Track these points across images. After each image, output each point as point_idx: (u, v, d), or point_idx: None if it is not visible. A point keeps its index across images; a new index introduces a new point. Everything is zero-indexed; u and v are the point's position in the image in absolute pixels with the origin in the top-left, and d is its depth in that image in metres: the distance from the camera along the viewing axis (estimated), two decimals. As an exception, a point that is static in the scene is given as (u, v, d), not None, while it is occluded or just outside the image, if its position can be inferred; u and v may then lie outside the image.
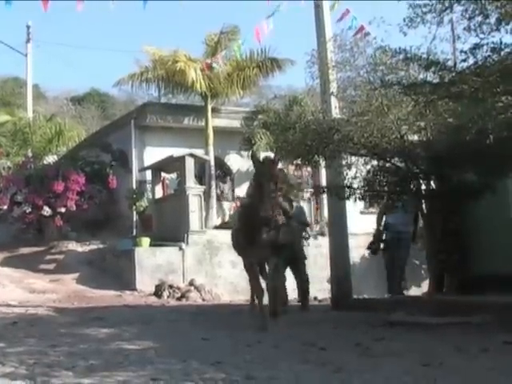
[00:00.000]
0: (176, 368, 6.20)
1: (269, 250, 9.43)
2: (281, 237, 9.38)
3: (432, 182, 11.68)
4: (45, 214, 19.75)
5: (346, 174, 11.72)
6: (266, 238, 9.14)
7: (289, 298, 12.74)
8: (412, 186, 11.66)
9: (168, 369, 6.16)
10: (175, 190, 21.07)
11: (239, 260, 16.25)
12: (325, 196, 13.91)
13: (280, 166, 9.76)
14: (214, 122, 21.30)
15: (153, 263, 17.14)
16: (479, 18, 8.05)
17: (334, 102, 12.40)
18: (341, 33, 12.15)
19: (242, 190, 22.24)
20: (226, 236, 17.98)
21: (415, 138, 11.34)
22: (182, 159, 18.69)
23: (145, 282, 16.68)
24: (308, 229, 14.28)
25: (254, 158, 9.52)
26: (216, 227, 19.56)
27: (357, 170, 11.81)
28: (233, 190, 22.48)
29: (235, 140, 21.59)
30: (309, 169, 19.79)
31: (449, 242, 11.81)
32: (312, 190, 16.72)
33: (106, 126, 26.85)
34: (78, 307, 13.25)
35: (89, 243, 19.87)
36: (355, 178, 11.68)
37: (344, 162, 11.85)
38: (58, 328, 9.58)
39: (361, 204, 12.49)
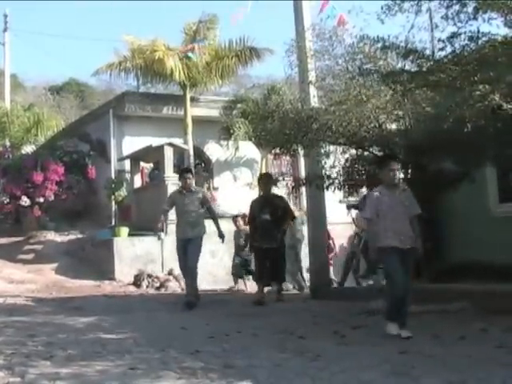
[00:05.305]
0: (154, 357, 6.21)
1: None
2: None
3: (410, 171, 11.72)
4: (23, 204, 19.63)
5: (325, 163, 11.73)
6: None
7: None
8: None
9: (146, 358, 6.17)
10: (150, 179, 21.07)
11: (218, 249, 16.44)
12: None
13: None
14: (193, 111, 21.24)
15: (132, 253, 17.08)
16: (457, 7, 8.08)
17: (312, 90, 12.38)
18: (320, 22, 12.17)
19: (221, 180, 22.29)
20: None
21: (393, 126, 11.36)
22: (160, 148, 18.65)
23: (124, 272, 16.62)
24: None
25: None
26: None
27: (335, 158, 11.84)
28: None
29: (214, 129, 21.54)
30: (288, 157, 19.78)
31: (423, 230, 11.88)
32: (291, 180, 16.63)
33: (84, 115, 26.69)
34: (57, 297, 13.19)
35: (67, 233, 19.75)
36: (333, 166, 11.69)
37: (322, 151, 11.86)
38: (37, 318, 9.57)
39: (339, 193, 12.46)
